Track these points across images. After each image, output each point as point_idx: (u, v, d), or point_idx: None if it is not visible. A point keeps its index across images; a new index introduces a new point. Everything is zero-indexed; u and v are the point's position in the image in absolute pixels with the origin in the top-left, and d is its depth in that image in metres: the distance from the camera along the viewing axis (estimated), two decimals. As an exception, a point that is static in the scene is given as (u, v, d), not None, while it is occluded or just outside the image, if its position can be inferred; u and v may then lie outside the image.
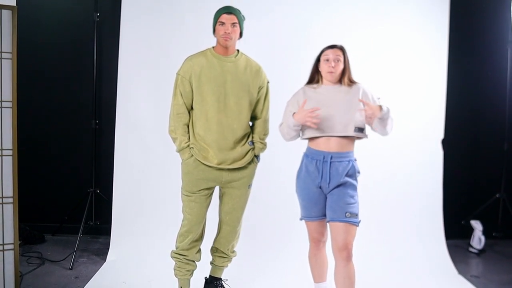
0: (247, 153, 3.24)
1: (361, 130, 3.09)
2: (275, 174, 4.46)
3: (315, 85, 3.22)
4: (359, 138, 3.14)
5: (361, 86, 3.17)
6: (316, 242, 3.24)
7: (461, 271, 4.27)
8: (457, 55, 4.85)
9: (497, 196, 5.04)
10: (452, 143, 4.81)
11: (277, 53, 4.53)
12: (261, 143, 3.33)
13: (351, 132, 3.05)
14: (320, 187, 3.09)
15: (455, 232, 4.91)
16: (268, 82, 3.34)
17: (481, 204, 5.05)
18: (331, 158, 3.04)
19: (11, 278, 3.37)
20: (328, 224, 3.12)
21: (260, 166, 3.40)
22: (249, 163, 3.26)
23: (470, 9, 5.01)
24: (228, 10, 3.11)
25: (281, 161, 4.43)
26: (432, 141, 4.65)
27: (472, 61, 5.06)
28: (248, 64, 3.24)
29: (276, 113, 3.56)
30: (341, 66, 3.14)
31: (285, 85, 4.24)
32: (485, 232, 4.84)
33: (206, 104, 3.12)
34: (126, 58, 4.50)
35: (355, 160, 3.14)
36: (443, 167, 4.66)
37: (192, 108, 3.21)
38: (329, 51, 3.14)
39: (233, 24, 3.11)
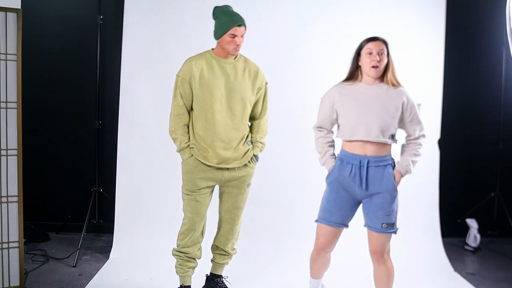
0: (246, 152, 3.26)
1: (393, 136, 2.93)
2: (275, 174, 4.48)
3: (351, 82, 2.97)
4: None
5: (405, 91, 2.94)
6: (319, 250, 3.09)
7: (457, 269, 4.29)
8: (453, 56, 4.85)
9: (492, 195, 5.04)
10: (448, 143, 4.82)
11: (276, 54, 4.53)
12: (260, 143, 3.35)
13: (387, 139, 2.89)
14: (353, 194, 2.94)
15: (451, 230, 4.91)
16: (266, 83, 3.35)
17: (476, 203, 5.06)
18: (368, 162, 2.87)
19: (16, 275, 3.42)
20: (367, 230, 3.02)
21: (260, 165, 3.42)
22: (248, 162, 3.28)
23: (466, 11, 5.02)
24: (240, 23, 3.07)
25: (280, 161, 4.49)
26: (428, 141, 4.53)
27: (468, 62, 5.07)
28: (247, 66, 3.26)
29: (275, 113, 3.60)
30: (385, 61, 2.90)
31: (284, 85, 4.31)
32: (480, 230, 4.86)
33: (205, 105, 3.14)
34: (129, 60, 4.52)
35: (393, 161, 2.98)
36: (439, 166, 4.67)
37: (192, 108, 3.23)
38: (371, 44, 2.89)
39: (242, 35, 3.12)
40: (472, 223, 4.88)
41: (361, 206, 3.04)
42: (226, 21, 3.08)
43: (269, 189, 4.48)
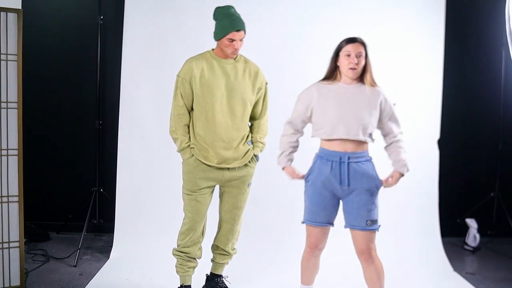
0: (246, 152, 3.27)
1: (371, 135, 2.97)
2: (275, 174, 4.47)
3: (330, 82, 3.00)
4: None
5: (381, 91, 2.98)
6: (313, 248, 3.08)
7: (456, 268, 4.29)
8: (453, 56, 4.86)
9: (491, 195, 5.04)
10: (448, 143, 4.83)
11: (276, 54, 4.54)
12: (260, 143, 3.36)
13: (366, 137, 2.92)
14: (335, 192, 2.95)
15: (451, 230, 4.91)
16: (266, 83, 3.36)
17: (476, 203, 5.06)
18: (348, 158, 2.89)
19: (16, 274, 3.42)
20: (348, 229, 3.00)
21: (260, 165, 3.43)
22: (248, 162, 3.29)
23: (466, 11, 5.03)
24: (238, 28, 3.07)
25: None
26: (428, 141, 4.65)
27: (468, 62, 5.08)
28: (247, 66, 3.27)
29: (275, 113, 3.61)
30: (363, 63, 2.92)
31: (284, 85, 4.31)
32: (480, 230, 4.87)
33: (206, 105, 3.15)
34: (129, 60, 4.53)
35: (371, 158, 3.00)
36: (439, 166, 4.68)
37: (192, 109, 3.24)
38: (350, 46, 2.90)
39: (241, 39, 3.12)
40: (472, 223, 4.89)
41: (341, 206, 3.05)
42: (225, 25, 3.08)
43: (269, 189, 4.49)
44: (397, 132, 3.05)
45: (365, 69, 2.96)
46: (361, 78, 2.98)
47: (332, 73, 3.02)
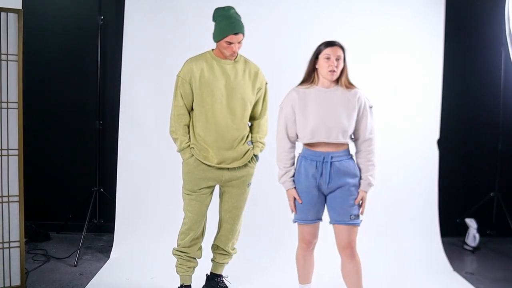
0: (246, 152, 3.28)
1: (350, 136, 3.05)
2: (275, 174, 4.48)
3: (308, 85, 3.07)
4: None
5: (359, 92, 3.04)
6: (308, 244, 3.17)
7: (456, 268, 4.30)
8: (452, 56, 4.87)
9: (491, 195, 5.04)
10: (447, 143, 4.84)
11: (276, 54, 4.54)
12: (260, 143, 3.36)
13: (347, 139, 3.00)
14: (321, 189, 3.03)
15: (450, 230, 4.92)
16: (266, 83, 3.37)
17: (475, 203, 5.07)
18: (332, 158, 2.98)
19: (17, 274, 3.43)
20: (332, 225, 3.09)
21: (260, 165, 3.44)
22: (248, 162, 3.30)
23: (465, 12, 5.04)
24: (237, 31, 3.08)
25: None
26: (427, 141, 4.66)
27: (467, 62, 5.09)
28: (247, 66, 3.28)
29: (275, 113, 3.62)
30: (341, 66, 2.99)
31: (283, 85, 4.31)
32: (479, 230, 4.87)
33: (206, 105, 3.16)
34: (129, 60, 4.53)
35: (352, 156, 3.08)
36: (439, 166, 4.68)
37: (192, 109, 3.24)
38: (330, 49, 2.98)
39: (240, 42, 3.13)
40: (471, 223, 4.89)
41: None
42: (224, 27, 3.09)
43: (270, 189, 4.46)
44: (367, 137, 3.07)
45: (342, 72, 3.03)
46: (337, 80, 3.05)
47: (310, 75, 3.08)
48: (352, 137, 3.08)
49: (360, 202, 3.05)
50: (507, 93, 4.98)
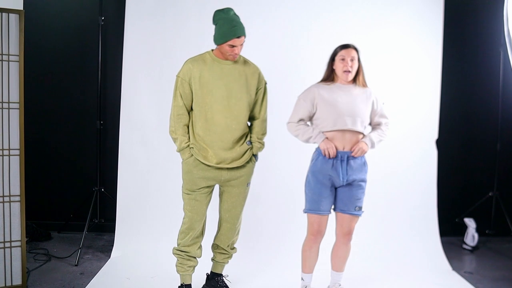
0: (245, 152, 3.28)
1: (365, 127, 3.32)
2: (275, 173, 4.50)
3: (328, 83, 3.33)
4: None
5: (372, 91, 3.33)
6: (316, 235, 3.35)
7: (455, 267, 4.32)
8: (451, 57, 4.88)
9: (490, 194, 5.07)
10: (446, 143, 4.86)
11: (276, 55, 4.55)
12: (259, 142, 3.36)
13: (363, 129, 3.27)
14: (334, 183, 3.27)
15: (449, 229, 4.94)
16: (266, 83, 3.37)
17: (474, 202, 5.08)
18: (348, 157, 3.24)
19: (18, 274, 3.45)
20: (335, 213, 3.38)
21: (260, 165, 3.45)
22: (248, 162, 3.30)
23: (464, 13, 5.05)
24: (239, 35, 3.09)
25: (280, 160, 4.50)
26: (426, 141, 4.67)
27: (466, 63, 5.09)
28: (247, 66, 3.28)
29: (275, 113, 3.63)
30: (356, 66, 3.26)
31: (284, 85, 4.33)
32: (478, 230, 4.89)
33: (205, 105, 3.17)
34: (130, 61, 4.54)
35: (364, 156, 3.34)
36: (437, 166, 4.69)
37: (192, 109, 3.25)
38: (344, 51, 3.24)
39: (242, 44, 3.15)
40: (470, 222, 4.90)
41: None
42: (226, 31, 3.09)
43: (270, 189, 4.51)
44: (384, 123, 3.43)
45: (357, 72, 3.32)
46: (354, 80, 3.33)
47: (329, 76, 3.36)
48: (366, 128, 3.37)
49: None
50: (505, 93, 4.99)
